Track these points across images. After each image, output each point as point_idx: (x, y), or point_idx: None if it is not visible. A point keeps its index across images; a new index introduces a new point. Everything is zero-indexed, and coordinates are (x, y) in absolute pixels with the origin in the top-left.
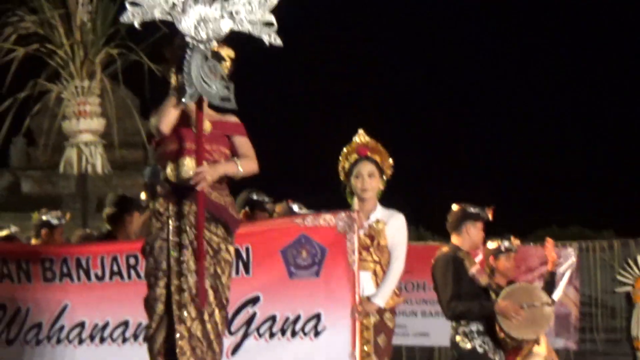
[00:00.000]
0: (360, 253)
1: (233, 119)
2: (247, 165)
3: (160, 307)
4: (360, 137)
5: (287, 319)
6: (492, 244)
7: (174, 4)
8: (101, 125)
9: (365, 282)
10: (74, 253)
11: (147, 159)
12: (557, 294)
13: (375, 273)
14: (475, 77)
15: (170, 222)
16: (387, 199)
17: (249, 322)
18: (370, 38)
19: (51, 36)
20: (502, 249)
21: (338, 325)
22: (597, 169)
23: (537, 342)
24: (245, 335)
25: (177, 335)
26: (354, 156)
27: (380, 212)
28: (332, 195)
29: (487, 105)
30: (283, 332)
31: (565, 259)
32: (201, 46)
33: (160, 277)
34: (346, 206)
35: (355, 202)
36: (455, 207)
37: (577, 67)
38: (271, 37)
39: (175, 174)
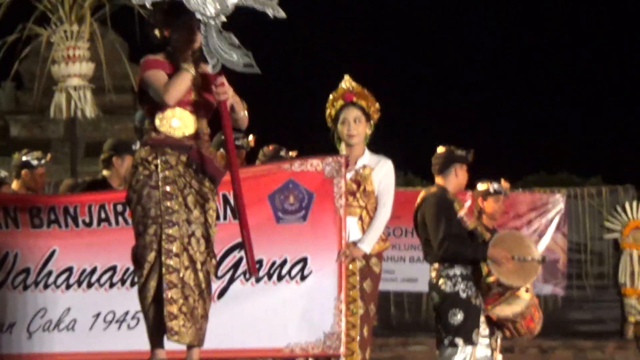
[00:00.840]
0: (346, 198)
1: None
2: (244, 111)
3: (151, 255)
4: (346, 82)
5: (273, 263)
6: (482, 186)
7: None
8: (90, 70)
9: (351, 227)
10: (62, 202)
11: (136, 103)
12: (545, 241)
13: (361, 218)
14: (464, 24)
15: (158, 171)
16: (376, 144)
17: (235, 266)
18: None
19: None
20: (492, 190)
21: (324, 269)
22: (585, 114)
23: (526, 290)
24: (231, 280)
25: (167, 284)
26: (340, 102)
27: (367, 158)
28: (323, 142)
29: (476, 50)
30: (269, 276)
31: (554, 206)
32: (211, 22)
33: (149, 225)
34: (335, 152)
35: (343, 148)
36: (441, 148)
37: (562, 21)
38: (275, 10)
39: (165, 124)
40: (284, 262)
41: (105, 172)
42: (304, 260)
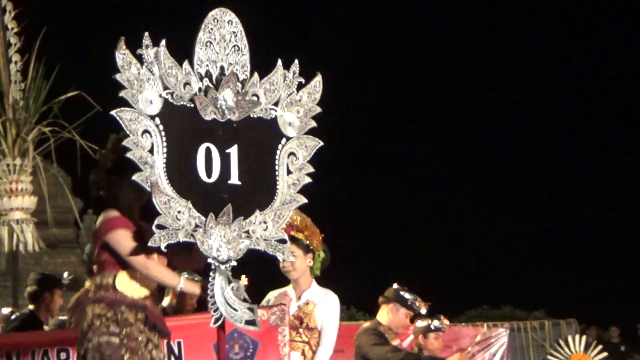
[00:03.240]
0: (290, 333)
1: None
2: None
3: None
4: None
5: None
6: (422, 323)
7: (196, 226)
8: (33, 203)
9: None
10: (5, 346)
11: (78, 237)
12: None
13: (303, 353)
14: (406, 159)
15: (118, 324)
16: (322, 279)
17: None
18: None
19: None
20: (432, 327)
21: None
22: (528, 250)
23: None
24: None
25: None
26: None
27: (313, 292)
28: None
29: (419, 187)
30: None
31: (497, 340)
32: (222, 267)
33: None
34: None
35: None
36: (395, 285)
37: (504, 153)
38: (284, 254)
39: (124, 284)
40: None
41: (31, 306)
42: None
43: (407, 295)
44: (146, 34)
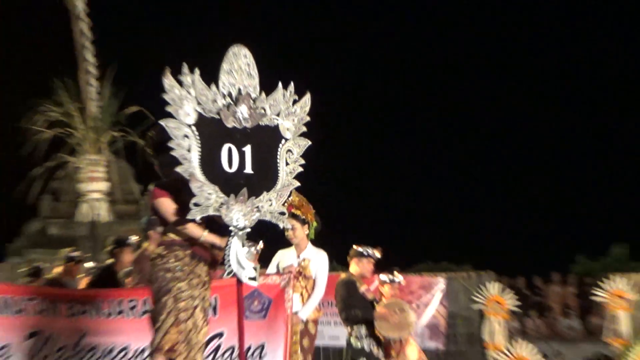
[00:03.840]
0: (292, 300)
1: None
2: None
3: (163, 315)
4: (292, 195)
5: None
6: (383, 276)
7: (221, 204)
8: (106, 187)
9: (295, 301)
10: (90, 297)
11: (139, 212)
12: (431, 310)
13: (301, 295)
14: (362, 129)
15: (170, 262)
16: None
17: (216, 349)
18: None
19: (70, 122)
20: (387, 279)
21: (275, 352)
22: (459, 215)
23: (402, 341)
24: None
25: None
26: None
27: (308, 251)
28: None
29: (379, 160)
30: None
31: (437, 286)
32: (240, 233)
33: (162, 296)
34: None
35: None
36: (355, 246)
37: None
38: (284, 223)
39: (175, 235)
40: (249, 347)
41: (110, 261)
42: (262, 346)
43: (363, 249)
44: (185, 64)
